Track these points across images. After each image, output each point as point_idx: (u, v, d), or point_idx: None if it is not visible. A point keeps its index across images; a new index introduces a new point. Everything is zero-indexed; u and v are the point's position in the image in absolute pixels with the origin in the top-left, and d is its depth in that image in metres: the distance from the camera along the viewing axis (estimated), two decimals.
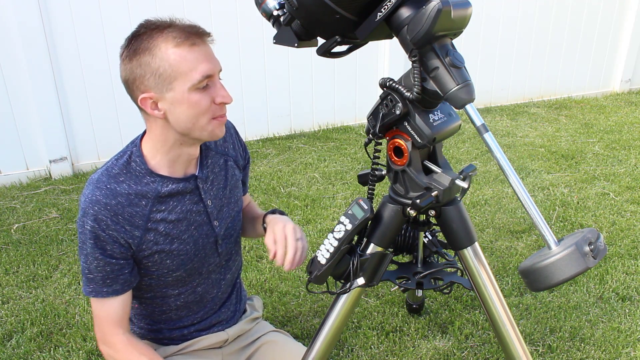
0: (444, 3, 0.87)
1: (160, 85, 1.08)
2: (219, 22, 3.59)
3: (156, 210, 1.20)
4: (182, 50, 1.06)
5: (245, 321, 1.51)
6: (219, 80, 1.15)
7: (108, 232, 1.15)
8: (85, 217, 1.15)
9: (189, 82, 1.07)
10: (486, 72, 4.80)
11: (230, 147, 1.37)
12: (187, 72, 1.07)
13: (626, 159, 3.56)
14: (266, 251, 2.44)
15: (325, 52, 1.02)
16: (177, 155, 1.20)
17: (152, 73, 1.07)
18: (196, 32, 1.09)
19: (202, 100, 1.10)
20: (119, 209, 1.15)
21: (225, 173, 1.33)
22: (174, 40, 1.06)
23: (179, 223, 1.23)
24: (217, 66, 1.13)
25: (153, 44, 1.06)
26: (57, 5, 3.16)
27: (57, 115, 3.29)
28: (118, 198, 1.16)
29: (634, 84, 5.50)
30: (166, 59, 1.06)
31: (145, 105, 1.11)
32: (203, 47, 1.10)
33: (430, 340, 1.89)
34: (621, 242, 2.49)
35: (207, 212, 1.28)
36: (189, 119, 1.11)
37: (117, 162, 1.20)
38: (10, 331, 1.94)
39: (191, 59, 1.07)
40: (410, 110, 1.01)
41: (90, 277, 1.19)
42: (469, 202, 2.93)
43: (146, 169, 1.19)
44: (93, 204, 1.14)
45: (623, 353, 1.82)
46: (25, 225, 2.73)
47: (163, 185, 1.20)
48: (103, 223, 1.14)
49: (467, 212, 1.14)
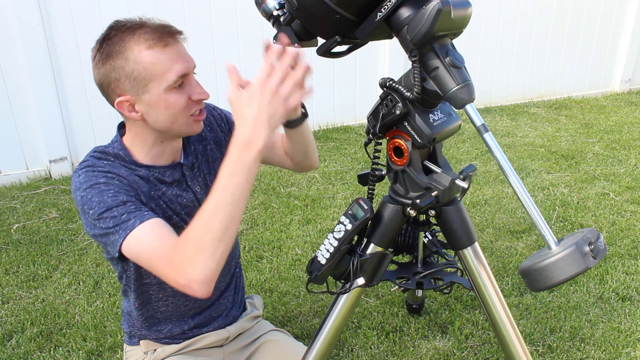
0: (444, 3, 0.87)
1: (136, 88, 1.08)
2: (219, 22, 3.59)
3: (152, 188, 1.20)
4: (155, 51, 1.06)
5: (246, 319, 1.51)
6: (193, 77, 1.14)
7: (121, 181, 1.12)
8: (94, 178, 1.09)
9: (164, 83, 1.07)
10: (486, 72, 4.81)
11: (206, 130, 1.35)
12: (162, 74, 1.06)
13: (626, 159, 3.56)
14: (266, 251, 2.45)
15: (325, 52, 1.02)
16: (160, 151, 1.21)
17: (126, 76, 1.06)
18: (168, 31, 1.08)
19: (179, 99, 1.10)
20: (123, 174, 1.14)
21: (207, 158, 1.33)
22: (146, 42, 1.05)
23: (172, 204, 1.24)
24: (191, 64, 1.12)
25: (125, 47, 1.06)
26: (57, 5, 3.16)
27: (57, 115, 3.29)
28: (118, 169, 1.14)
29: (634, 84, 5.50)
30: (140, 61, 1.05)
31: (122, 109, 1.12)
32: (176, 47, 1.09)
33: (430, 340, 1.89)
34: (621, 242, 2.49)
35: (197, 198, 1.28)
36: (167, 119, 1.12)
37: (102, 154, 1.18)
38: (10, 331, 1.94)
39: (165, 59, 1.06)
40: (410, 110, 1.01)
41: (125, 216, 1.05)
42: (469, 202, 2.93)
43: (131, 160, 1.19)
44: (95, 168, 1.11)
45: (623, 353, 1.82)
46: (25, 225, 2.73)
47: (150, 174, 1.21)
48: (113, 175, 1.11)
49: (467, 212, 1.14)
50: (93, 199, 1.08)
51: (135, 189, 1.15)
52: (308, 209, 2.86)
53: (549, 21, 4.89)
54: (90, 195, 1.08)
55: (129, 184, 1.13)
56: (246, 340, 1.49)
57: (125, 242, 1.05)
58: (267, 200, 2.97)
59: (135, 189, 1.14)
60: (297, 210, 2.85)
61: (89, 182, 1.10)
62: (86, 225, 1.13)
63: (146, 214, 1.07)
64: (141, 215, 1.06)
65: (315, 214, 2.79)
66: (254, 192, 3.08)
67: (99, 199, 1.07)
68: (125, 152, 1.20)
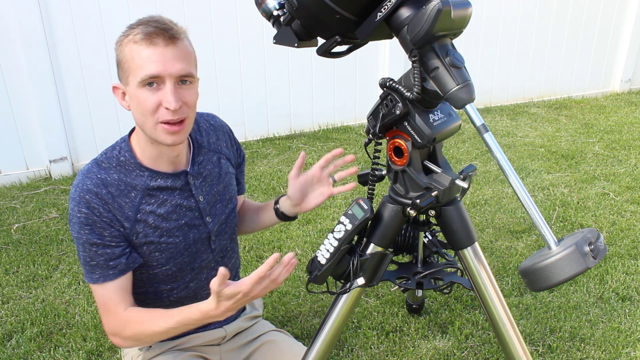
0: (444, 3, 0.87)
1: (123, 77, 1.14)
2: (219, 22, 3.59)
3: (145, 202, 1.21)
4: (138, 47, 1.09)
5: (244, 318, 1.51)
6: (170, 84, 1.10)
7: (101, 219, 1.17)
8: (78, 206, 1.16)
9: (137, 78, 1.10)
10: (486, 72, 4.80)
11: (223, 145, 1.38)
12: (136, 69, 1.09)
13: (626, 159, 3.56)
14: (266, 251, 2.45)
15: (325, 52, 1.02)
16: (156, 154, 1.22)
17: (118, 64, 1.14)
18: (162, 33, 1.09)
19: (148, 99, 1.10)
20: (109, 198, 1.18)
21: (219, 170, 1.35)
22: (135, 37, 1.09)
23: (169, 216, 1.25)
24: (171, 69, 1.09)
25: (123, 37, 1.12)
26: (57, 5, 3.16)
27: (57, 115, 3.29)
28: (108, 188, 1.18)
29: (634, 84, 5.50)
30: (126, 52, 1.11)
31: (116, 94, 1.17)
32: (161, 49, 1.08)
33: (430, 340, 1.89)
34: (621, 242, 2.49)
35: (199, 207, 1.29)
36: (139, 117, 1.15)
37: (106, 155, 1.23)
38: (10, 331, 1.94)
39: (143, 56, 1.08)
40: (410, 110, 1.01)
41: (94, 264, 1.19)
42: (469, 202, 2.93)
43: (135, 163, 1.21)
44: (84, 192, 1.16)
45: (623, 353, 1.82)
46: (25, 225, 2.73)
47: (152, 180, 1.22)
48: (96, 210, 1.16)
49: (467, 212, 1.14)
50: (75, 226, 1.18)
51: (117, 218, 1.18)
52: None
53: (549, 21, 4.89)
54: (76, 231, 1.18)
55: (110, 222, 1.18)
56: (244, 340, 1.49)
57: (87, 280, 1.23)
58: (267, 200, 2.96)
59: (116, 219, 1.18)
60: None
61: (75, 206, 1.17)
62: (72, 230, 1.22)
63: (106, 278, 1.19)
64: (104, 276, 1.19)
65: (315, 214, 2.79)
66: (254, 192, 3.08)
67: (81, 245, 1.19)
68: (129, 154, 1.21)
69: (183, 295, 1.35)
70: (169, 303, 1.34)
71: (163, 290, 1.32)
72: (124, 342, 1.23)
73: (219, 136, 1.37)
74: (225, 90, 3.78)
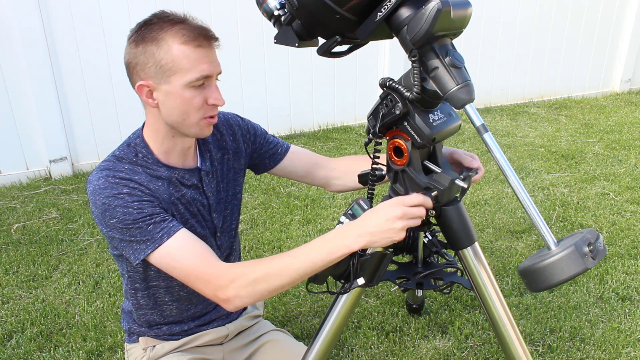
0: (443, 3, 0.87)
1: (159, 76, 1.11)
2: (219, 22, 3.59)
3: (173, 189, 1.22)
4: (187, 48, 1.10)
5: (246, 317, 1.52)
6: (215, 82, 1.18)
7: (145, 193, 1.14)
8: (117, 189, 1.11)
9: (186, 79, 1.10)
10: (486, 72, 4.81)
11: (228, 140, 1.38)
12: (186, 69, 1.10)
13: (626, 159, 3.56)
14: (266, 251, 2.45)
15: (325, 51, 1.03)
16: (172, 146, 1.22)
17: (154, 63, 1.11)
18: (205, 34, 1.13)
19: (195, 98, 1.13)
20: (144, 181, 1.16)
21: (222, 167, 1.36)
22: (182, 38, 1.10)
23: (191, 208, 1.26)
24: (216, 69, 1.16)
25: (162, 36, 1.10)
26: (57, 5, 3.16)
27: (57, 115, 3.29)
28: (138, 175, 1.17)
29: (634, 84, 5.50)
30: (170, 52, 1.09)
31: (141, 92, 1.15)
32: (207, 50, 1.13)
33: (430, 340, 1.89)
34: (621, 242, 2.49)
35: (208, 204, 1.31)
36: (179, 114, 1.14)
37: (123, 150, 1.21)
38: (10, 331, 1.94)
39: (194, 58, 1.10)
40: (410, 110, 1.01)
41: (150, 229, 1.11)
42: (469, 202, 2.93)
43: (153, 158, 1.22)
44: (117, 180, 1.12)
45: (623, 353, 1.82)
46: (25, 225, 2.73)
47: (171, 173, 1.23)
48: (137, 189, 1.13)
49: (467, 212, 1.14)
50: (117, 209, 1.11)
51: (157, 197, 1.17)
52: (308, 209, 2.86)
53: (549, 21, 4.89)
54: (114, 204, 1.11)
55: (151, 193, 1.16)
56: (246, 339, 1.50)
57: (154, 253, 1.11)
58: (267, 200, 2.97)
59: (157, 197, 1.17)
60: (297, 210, 2.85)
61: (111, 190, 1.12)
62: (102, 226, 1.15)
63: (172, 227, 1.12)
64: (168, 229, 1.11)
65: (315, 214, 2.79)
66: (254, 192, 3.08)
67: (124, 210, 1.11)
68: (147, 150, 1.21)
69: (191, 291, 1.35)
70: (177, 298, 1.35)
71: (175, 285, 1.32)
72: (243, 291, 1.05)
73: (222, 132, 1.38)
74: (225, 90, 3.77)
